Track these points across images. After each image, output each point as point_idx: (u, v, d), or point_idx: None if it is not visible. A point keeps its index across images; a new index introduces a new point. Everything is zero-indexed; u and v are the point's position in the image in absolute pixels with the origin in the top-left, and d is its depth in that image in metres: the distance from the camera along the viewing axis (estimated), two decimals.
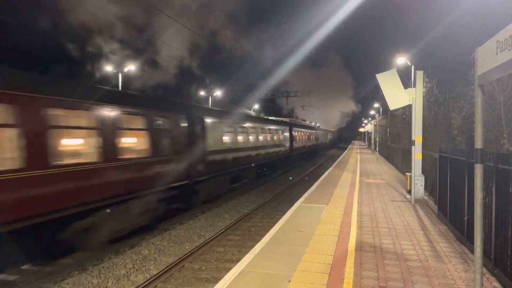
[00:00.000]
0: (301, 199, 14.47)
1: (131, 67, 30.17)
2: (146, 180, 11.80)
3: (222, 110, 20.48)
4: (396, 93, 13.39)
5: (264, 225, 14.07)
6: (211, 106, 43.35)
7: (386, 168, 28.16)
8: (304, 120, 74.76)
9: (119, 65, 29.69)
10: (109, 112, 10.28)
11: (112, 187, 10.21)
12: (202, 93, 46.33)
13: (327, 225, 10.43)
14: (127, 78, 31.33)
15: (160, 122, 12.61)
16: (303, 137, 39.24)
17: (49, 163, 8.47)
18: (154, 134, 12.21)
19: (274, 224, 11.14)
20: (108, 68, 29.84)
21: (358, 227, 10.35)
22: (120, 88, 28.19)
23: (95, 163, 9.76)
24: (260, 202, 18.44)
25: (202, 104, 37.11)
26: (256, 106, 66.94)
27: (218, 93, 46.66)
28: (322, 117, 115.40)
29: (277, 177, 28.41)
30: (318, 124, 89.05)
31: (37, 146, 8.24)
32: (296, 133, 35.40)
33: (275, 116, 58.15)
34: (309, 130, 45.61)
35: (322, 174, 24.70)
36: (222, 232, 13.07)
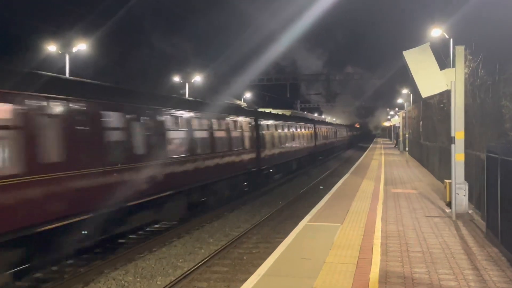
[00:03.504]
0: (308, 217, 14.50)
1: (81, 47, 30.02)
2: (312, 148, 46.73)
3: (323, 120, 69.11)
4: (430, 75, 13.43)
5: (261, 251, 14.08)
6: (188, 94, 43.48)
7: (419, 174, 28.23)
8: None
9: (66, 45, 29.53)
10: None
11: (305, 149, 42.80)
12: (176, 79, 46.21)
13: (342, 250, 10.46)
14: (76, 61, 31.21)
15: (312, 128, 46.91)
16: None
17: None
18: (314, 133, 47.84)
19: (273, 250, 11.15)
20: (51, 48, 29.64)
21: (382, 252, 10.36)
22: (67, 72, 28.09)
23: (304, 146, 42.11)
24: (254, 222, 18.45)
25: (179, 93, 43.93)
26: (248, 95, 66.28)
27: (197, 78, 46.51)
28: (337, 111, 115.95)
29: (275, 189, 28.52)
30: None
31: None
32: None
33: (274, 108, 58.05)
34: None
35: (335, 183, 24.85)
36: (205, 261, 13.02)
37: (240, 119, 24.09)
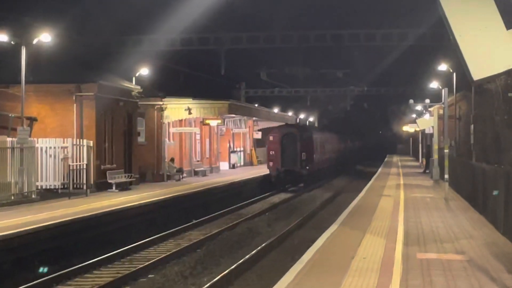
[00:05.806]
0: None
1: None
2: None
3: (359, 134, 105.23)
4: (487, 38, 10.18)
5: None
6: (23, 62, 27.79)
7: (468, 223, 20.79)
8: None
9: None
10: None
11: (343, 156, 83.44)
12: (3, 38, 29.23)
13: None
14: None
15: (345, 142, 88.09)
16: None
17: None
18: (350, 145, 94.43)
19: None
20: None
21: None
22: None
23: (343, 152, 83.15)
24: None
25: None
26: (146, 72, 38.62)
27: (45, 38, 28.28)
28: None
29: (186, 256, 20.09)
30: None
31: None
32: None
33: (196, 97, 41.85)
34: None
35: (312, 240, 18.39)
36: None
37: None
